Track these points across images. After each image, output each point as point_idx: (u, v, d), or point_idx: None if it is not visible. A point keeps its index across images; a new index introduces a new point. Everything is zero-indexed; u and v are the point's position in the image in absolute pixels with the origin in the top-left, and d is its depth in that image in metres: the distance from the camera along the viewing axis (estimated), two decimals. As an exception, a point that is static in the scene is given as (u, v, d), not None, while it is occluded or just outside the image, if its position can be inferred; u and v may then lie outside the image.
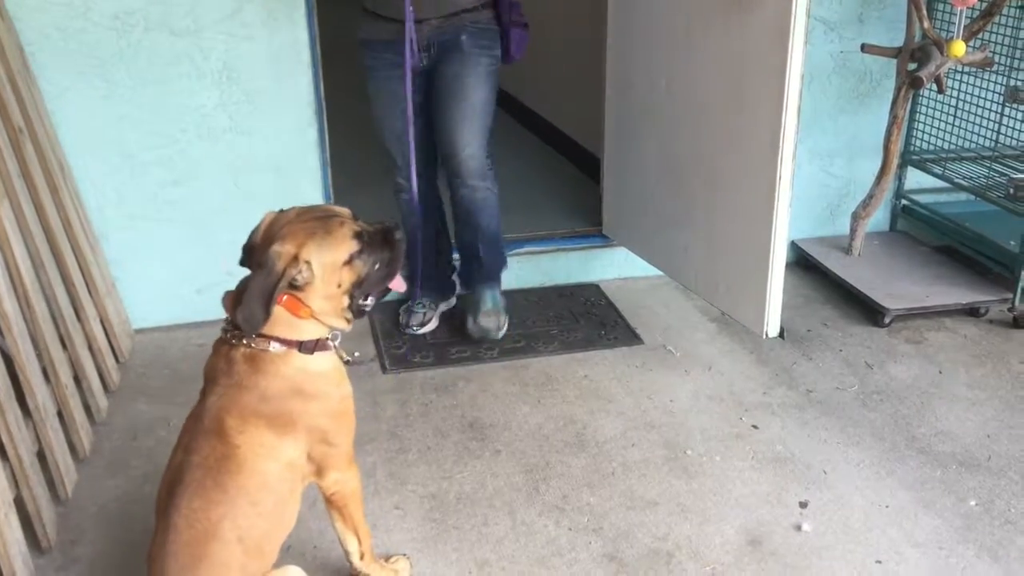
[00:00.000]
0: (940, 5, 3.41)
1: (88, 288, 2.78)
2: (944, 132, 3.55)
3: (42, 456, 2.26)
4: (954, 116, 3.50)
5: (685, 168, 2.97)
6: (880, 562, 2.16)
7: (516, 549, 2.19)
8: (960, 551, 2.19)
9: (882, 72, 3.54)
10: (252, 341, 1.69)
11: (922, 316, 3.27)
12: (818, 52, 3.41)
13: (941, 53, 3.05)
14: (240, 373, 1.69)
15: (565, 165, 4.67)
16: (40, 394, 2.28)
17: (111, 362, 2.83)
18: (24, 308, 2.33)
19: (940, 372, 2.96)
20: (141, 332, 3.14)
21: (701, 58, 2.80)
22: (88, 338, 2.71)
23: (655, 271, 3.38)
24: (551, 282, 3.57)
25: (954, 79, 3.44)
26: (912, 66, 3.21)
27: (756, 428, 2.67)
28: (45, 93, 2.83)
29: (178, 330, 3.15)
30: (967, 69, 3.41)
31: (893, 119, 3.34)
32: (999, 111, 3.38)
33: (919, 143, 3.64)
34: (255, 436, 1.67)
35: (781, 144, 2.53)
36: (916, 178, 3.72)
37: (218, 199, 3.09)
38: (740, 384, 2.89)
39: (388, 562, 2.07)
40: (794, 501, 2.36)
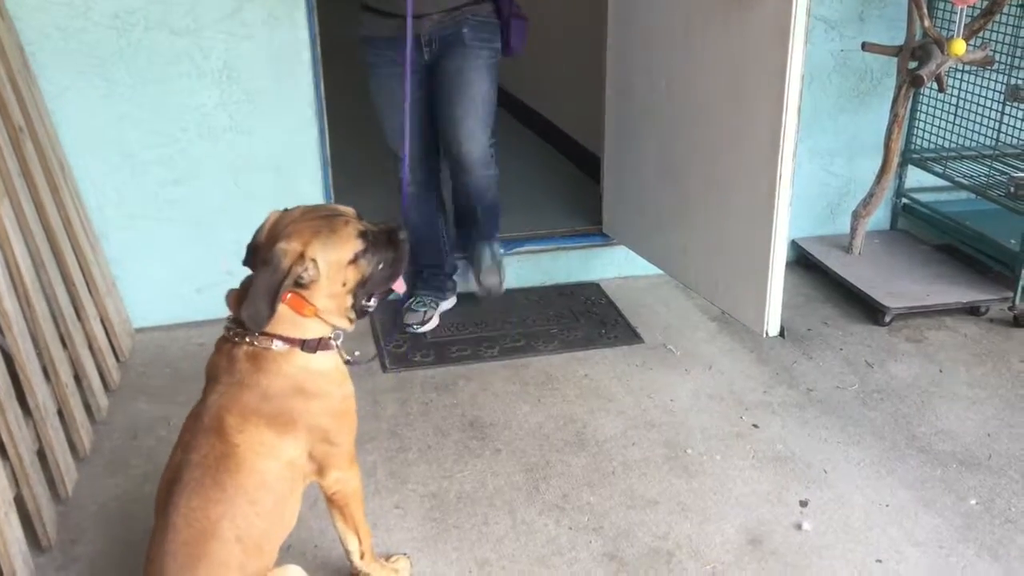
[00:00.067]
0: (941, 4, 3.41)
1: (88, 287, 2.78)
2: (945, 131, 3.54)
3: (42, 455, 2.26)
4: (955, 115, 3.50)
5: (685, 167, 2.97)
6: (880, 561, 2.16)
7: (516, 548, 2.19)
8: (960, 550, 2.19)
9: (883, 71, 3.54)
10: (255, 339, 1.69)
11: (922, 315, 3.26)
12: (818, 51, 3.41)
13: (942, 52, 3.05)
14: (242, 371, 1.69)
15: (565, 164, 4.67)
16: (40, 393, 2.28)
17: (111, 361, 2.83)
18: (24, 307, 2.33)
19: (940, 371, 2.96)
20: (141, 331, 3.14)
21: (701, 57, 2.80)
22: (88, 337, 2.71)
23: (655, 270, 3.38)
24: (551, 281, 3.57)
25: (955, 78, 3.44)
26: (913, 65, 3.21)
27: (756, 427, 2.67)
28: (45, 92, 2.83)
29: (178, 329, 3.15)
30: (968, 68, 3.41)
31: (894, 118, 3.34)
32: (1000, 110, 3.38)
33: (920, 142, 3.64)
34: (255, 435, 1.67)
35: (781, 143, 2.53)
36: (917, 177, 3.73)
37: (218, 198, 3.09)
38: (740, 383, 2.89)
39: (388, 561, 2.07)
40: (794, 500, 2.36)
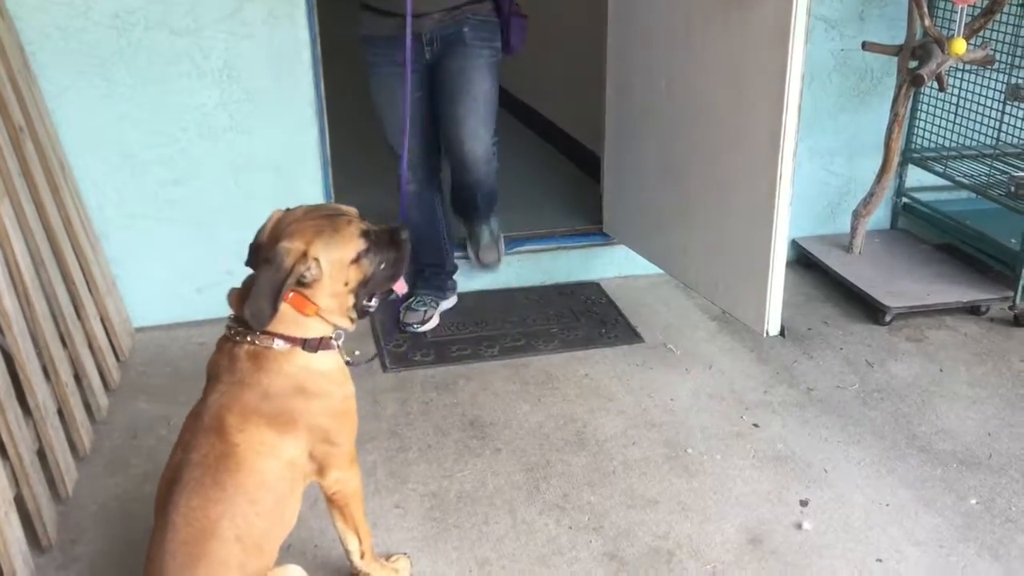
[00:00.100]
0: (941, 3, 3.40)
1: (88, 286, 2.78)
2: (945, 130, 3.54)
3: (42, 454, 2.26)
4: (955, 114, 3.50)
5: (686, 166, 2.97)
6: (881, 560, 2.16)
7: (517, 548, 2.19)
8: (961, 549, 2.19)
9: (883, 70, 3.54)
10: (256, 338, 1.69)
11: (923, 314, 3.26)
12: (819, 50, 3.41)
13: (942, 51, 3.05)
14: (243, 370, 1.69)
15: (565, 164, 4.66)
16: (40, 392, 2.28)
17: (111, 360, 2.83)
18: (24, 306, 2.33)
19: (941, 370, 2.96)
20: (141, 331, 3.14)
21: (701, 57, 2.80)
22: (88, 336, 2.71)
23: (655, 269, 3.38)
24: (551, 280, 3.57)
25: (955, 77, 3.44)
26: (913, 64, 3.21)
27: (757, 426, 2.66)
28: (45, 92, 2.83)
29: (178, 329, 3.15)
30: (968, 67, 3.40)
31: (894, 117, 3.33)
32: (1000, 109, 3.38)
33: (920, 141, 3.64)
34: (255, 434, 1.67)
35: (782, 142, 2.53)
36: (917, 176, 3.72)
37: (218, 198, 3.09)
38: (741, 382, 2.89)
39: (389, 561, 2.07)
40: (795, 499, 2.36)
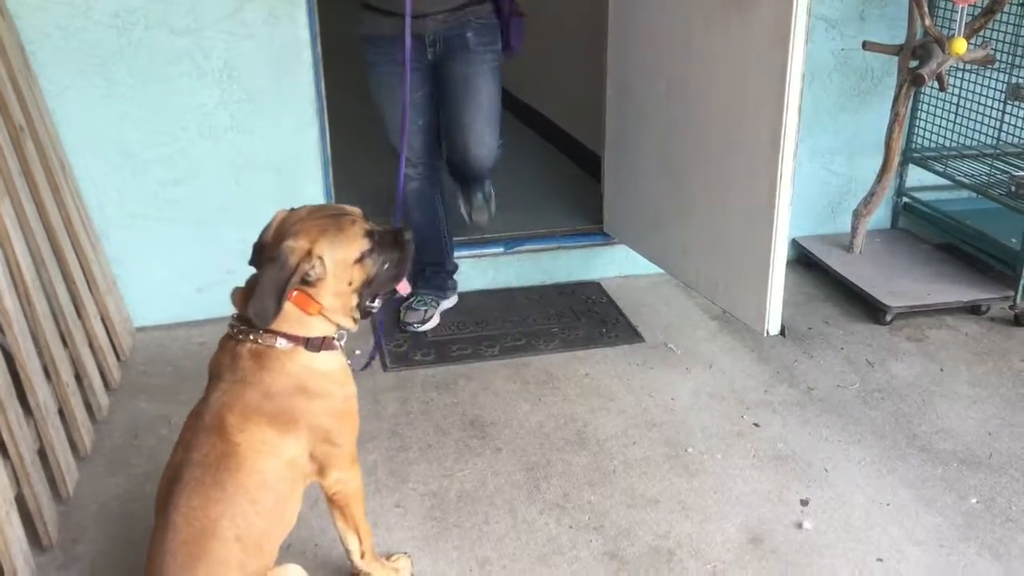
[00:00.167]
0: (941, 3, 3.40)
1: (89, 286, 2.78)
2: (946, 129, 3.54)
3: (43, 454, 2.26)
4: (955, 114, 3.50)
5: (686, 166, 2.97)
6: (881, 560, 2.16)
7: (517, 547, 2.19)
8: (961, 549, 2.19)
9: (883, 70, 3.54)
10: (259, 336, 1.69)
11: (923, 314, 3.26)
12: (819, 50, 3.41)
13: (943, 51, 3.05)
14: (245, 369, 1.69)
15: (566, 163, 4.66)
16: (41, 392, 2.28)
17: (112, 360, 2.83)
18: (25, 306, 2.33)
19: (941, 370, 2.96)
20: (142, 330, 3.14)
21: (701, 57, 2.80)
22: (89, 336, 2.71)
23: (656, 269, 3.38)
24: (552, 280, 3.57)
25: (956, 77, 3.44)
26: (913, 64, 3.21)
27: (757, 426, 2.66)
28: (46, 91, 2.83)
29: (179, 328, 3.16)
30: (968, 67, 3.40)
31: (894, 117, 3.33)
32: (1001, 108, 3.38)
33: (920, 140, 3.64)
34: (256, 434, 1.67)
35: (782, 142, 2.53)
36: (917, 176, 3.72)
37: (219, 198, 3.09)
38: (741, 382, 2.89)
39: (389, 560, 2.07)
40: (795, 499, 2.36)
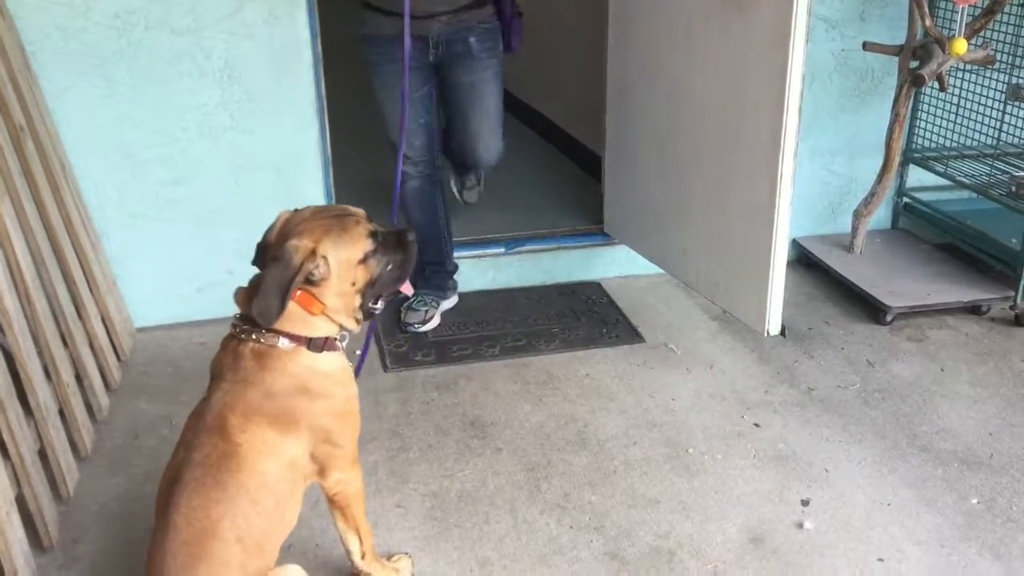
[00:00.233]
0: (942, 3, 3.40)
1: (89, 286, 2.78)
2: (946, 130, 3.54)
3: (43, 454, 2.26)
4: (956, 114, 3.50)
5: (686, 166, 2.97)
6: (882, 560, 2.16)
7: (517, 547, 2.19)
8: (962, 549, 2.19)
9: (883, 70, 3.54)
10: (262, 336, 1.69)
11: (924, 314, 3.26)
12: (819, 50, 3.41)
13: (943, 51, 3.05)
14: (246, 369, 1.69)
15: (566, 163, 4.66)
16: (41, 392, 2.28)
17: (112, 360, 2.83)
18: (25, 306, 2.33)
19: (942, 370, 2.96)
20: (142, 330, 3.14)
21: (702, 57, 2.80)
22: (89, 336, 2.71)
23: (656, 269, 3.38)
24: (552, 280, 3.57)
25: (956, 77, 3.44)
26: (914, 64, 3.20)
27: (758, 426, 2.66)
28: (46, 92, 2.83)
29: (179, 328, 3.15)
30: (969, 67, 3.40)
31: (895, 117, 3.33)
32: (1001, 109, 3.37)
33: (921, 141, 3.64)
34: (257, 435, 1.67)
35: (782, 142, 2.52)
36: (918, 176, 3.72)
37: (219, 198, 3.09)
38: (742, 382, 2.89)
39: (390, 561, 2.07)
40: (796, 499, 2.36)
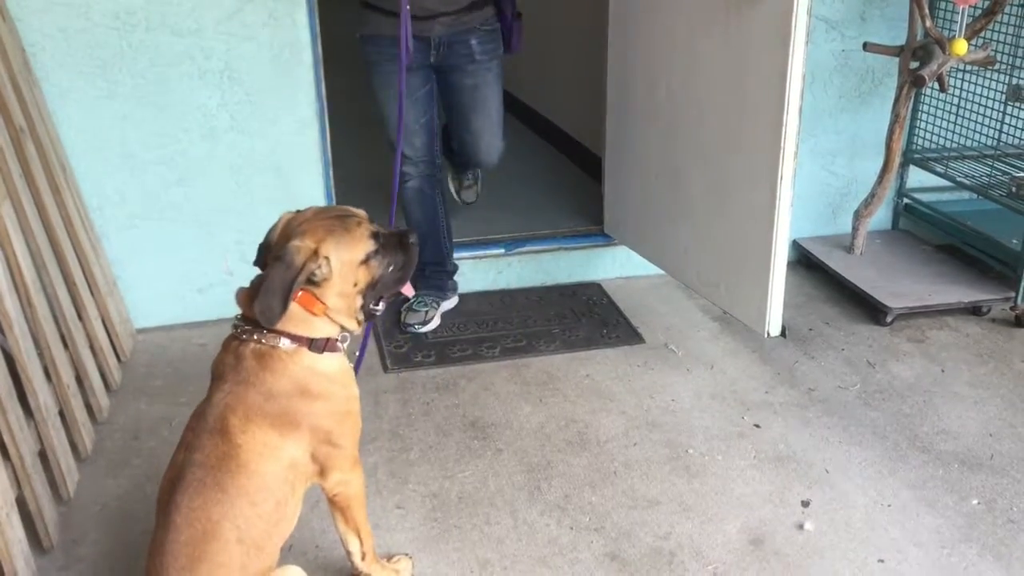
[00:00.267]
0: (942, 4, 3.40)
1: (89, 287, 2.78)
2: (946, 131, 3.54)
3: (44, 456, 2.26)
4: (956, 115, 3.50)
5: (686, 167, 2.97)
6: (882, 561, 2.15)
7: (518, 548, 2.19)
8: (962, 550, 2.19)
9: (884, 71, 3.54)
10: (263, 337, 1.69)
11: (924, 315, 3.26)
12: (820, 51, 3.41)
13: (943, 52, 3.05)
14: (248, 369, 1.69)
15: (566, 164, 4.66)
16: (42, 393, 2.28)
17: (113, 361, 2.83)
18: (25, 307, 2.33)
19: (942, 371, 2.96)
20: (143, 332, 3.14)
21: (702, 58, 2.80)
22: (89, 337, 2.71)
23: (657, 270, 3.38)
24: (552, 281, 3.57)
25: (956, 78, 3.44)
26: (914, 65, 3.20)
27: (758, 427, 2.66)
28: (46, 93, 2.83)
29: (179, 329, 3.16)
30: (969, 68, 3.40)
31: (895, 118, 3.33)
32: (1001, 109, 3.37)
33: (921, 142, 3.64)
34: (258, 436, 1.67)
35: (783, 143, 2.52)
36: (918, 177, 3.72)
37: (219, 199, 3.09)
38: (742, 383, 2.89)
39: (390, 562, 2.07)
40: (796, 500, 2.36)
